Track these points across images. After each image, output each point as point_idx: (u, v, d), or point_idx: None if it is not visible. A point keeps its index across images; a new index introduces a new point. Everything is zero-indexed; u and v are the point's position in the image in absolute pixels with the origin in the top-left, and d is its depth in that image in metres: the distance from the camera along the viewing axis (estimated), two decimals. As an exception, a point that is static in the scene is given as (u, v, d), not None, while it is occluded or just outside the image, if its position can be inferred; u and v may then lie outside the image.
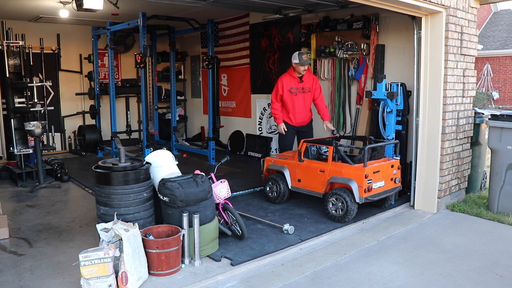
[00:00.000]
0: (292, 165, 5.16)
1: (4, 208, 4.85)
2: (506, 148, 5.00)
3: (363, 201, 4.53)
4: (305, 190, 5.04)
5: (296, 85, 5.74)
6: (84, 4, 4.06)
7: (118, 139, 7.99)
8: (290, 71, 5.76)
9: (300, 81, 5.74)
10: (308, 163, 5.03)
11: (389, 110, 5.39)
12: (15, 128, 6.57)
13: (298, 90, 5.74)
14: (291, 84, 5.73)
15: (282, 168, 5.25)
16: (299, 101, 5.78)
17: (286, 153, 5.57)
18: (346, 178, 4.59)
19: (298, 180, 5.08)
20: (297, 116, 5.82)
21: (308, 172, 4.99)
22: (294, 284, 3.42)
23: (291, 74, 5.75)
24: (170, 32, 8.57)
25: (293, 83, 5.73)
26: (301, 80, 5.74)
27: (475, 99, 10.66)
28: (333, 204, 4.68)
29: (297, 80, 5.74)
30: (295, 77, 5.73)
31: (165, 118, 9.93)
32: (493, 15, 21.56)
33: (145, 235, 3.49)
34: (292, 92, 5.73)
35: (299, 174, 5.08)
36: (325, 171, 4.79)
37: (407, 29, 5.65)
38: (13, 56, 6.72)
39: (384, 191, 4.80)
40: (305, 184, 5.03)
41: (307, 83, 5.78)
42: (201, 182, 3.75)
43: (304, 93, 5.78)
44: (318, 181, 4.87)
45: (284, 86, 5.72)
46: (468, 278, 3.53)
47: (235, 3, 6.29)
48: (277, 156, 5.52)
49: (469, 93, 5.47)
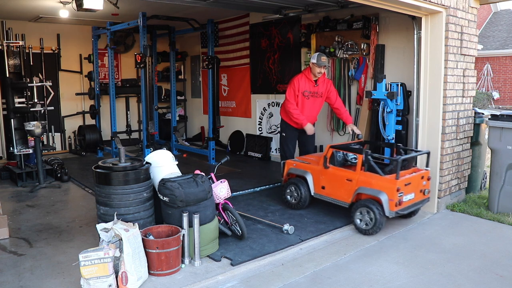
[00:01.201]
0: (316, 170, 4.89)
1: (4, 208, 4.85)
2: (506, 148, 5.00)
3: (393, 215, 4.25)
4: (329, 198, 4.78)
5: (310, 88, 5.51)
6: (84, 4, 4.06)
7: (118, 139, 7.99)
8: (307, 72, 5.53)
9: (315, 85, 5.51)
10: (334, 170, 4.74)
11: (389, 110, 5.39)
12: (15, 128, 6.57)
13: (311, 94, 5.52)
14: (306, 87, 5.50)
15: (304, 173, 4.99)
16: (309, 105, 5.56)
17: (309, 157, 5.29)
18: (376, 189, 4.30)
19: (322, 187, 4.81)
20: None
21: (333, 179, 4.72)
22: (294, 284, 3.42)
23: (307, 76, 5.50)
24: (170, 32, 8.57)
25: (308, 85, 5.50)
26: (316, 83, 5.51)
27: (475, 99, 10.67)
28: (360, 216, 4.41)
29: (312, 84, 5.50)
30: (311, 79, 5.49)
31: (165, 118, 9.93)
32: (493, 15, 21.56)
33: (145, 235, 3.49)
34: (305, 95, 5.51)
35: (324, 181, 4.81)
36: (352, 180, 4.51)
37: (407, 29, 5.65)
38: (13, 56, 6.72)
39: (414, 203, 4.49)
40: (329, 192, 4.76)
41: (321, 87, 5.56)
42: (201, 182, 3.75)
43: (315, 98, 5.56)
44: (344, 190, 4.59)
45: (300, 88, 5.49)
46: (468, 278, 3.53)
47: (235, 3, 6.29)
48: (299, 160, 5.22)
49: (469, 93, 5.47)
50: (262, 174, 7.04)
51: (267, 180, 6.50)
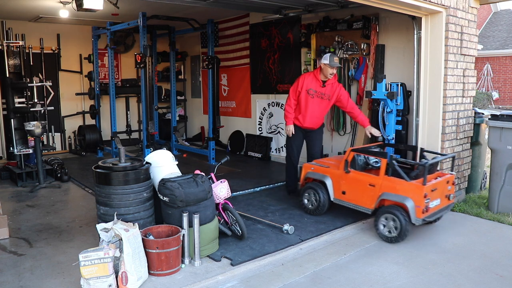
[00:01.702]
0: (336, 175, 4.67)
1: (4, 208, 4.85)
2: (506, 148, 5.00)
3: (420, 223, 4.07)
4: (350, 204, 4.58)
5: (316, 87, 5.31)
6: (84, 4, 4.06)
7: (118, 139, 7.99)
8: (316, 72, 5.36)
9: (323, 85, 5.30)
10: (356, 174, 4.53)
11: (389, 110, 5.39)
12: (15, 128, 6.57)
13: (317, 93, 5.32)
14: (312, 85, 5.31)
15: (323, 177, 4.77)
16: (314, 105, 5.34)
17: (327, 160, 5.06)
18: (401, 195, 4.11)
19: (343, 192, 4.61)
20: (306, 119, 5.41)
21: (355, 184, 4.51)
22: (294, 284, 3.42)
23: (315, 75, 5.33)
24: (170, 32, 8.57)
25: (314, 84, 5.31)
26: (323, 84, 5.30)
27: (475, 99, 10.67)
28: (384, 223, 4.22)
29: (319, 83, 5.30)
30: (319, 79, 5.30)
31: (165, 118, 9.93)
32: (493, 15, 21.56)
33: (145, 235, 3.49)
34: (310, 93, 5.31)
35: (344, 186, 4.60)
36: (375, 185, 4.31)
37: (407, 29, 5.65)
38: (13, 56, 6.72)
39: (440, 209, 4.33)
40: (350, 198, 4.56)
41: (329, 90, 5.33)
42: (201, 182, 3.75)
43: (321, 99, 5.33)
44: (366, 196, 4.39)
45: (304, 85, 5.31)
46: (468, 278, 3.53)
47: (235, 3, 6.29)
48: (317, 164, 4.97)
49: (469, 93, 5.47)
50: (262, 174, 7.04)
51: (267, 180, 6.51)
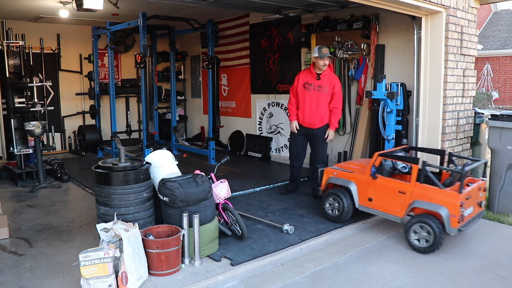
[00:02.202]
0: (362, 181, 4.46)
1: (4, 208, 4.85)
2: (506, 148, 5.00)
3: (455, 233, 3.86)
4: (377, 212, 4.39)
5: (311, 80, 5.33)
6: (84, 4, 4.06)
7: (118, 139, 7.99)
8: (310, 67, 5.41)
9: (317, 78, 5.30)
10: (384, 181, 4.31)
11: (389, 110, 5.39)
12: (15, 128, 6.57)
13: (312, 86, 5.32)
14: (307, 79, 5.36)
15: (347, 183, 4.55)
16: (312, 99, 5.32)
17: (350, 165, 4.82)
18: (435, 204, 3.91)
19: (369, 199, 4.41)
20: (306, 115, 5.37)
21: (383, 191, 4.30)
22: (294, 284, 3.42)
23: (310, 70, 5.40)
24: (170, 32, 8.57)
25: (309, 78, 5.35)
26: (318, 77, 5.30)
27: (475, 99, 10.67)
28: (416, 232, 4.02)
29: (314, 76, 5.32)
30: (313, 73, 5.33)
31: (165, 118, 9.93)
32: (493, 15, 21.56)
33: (145, 235, 3.49)
34: (306, 87, 5.34)
35: (371, 193, 4.39)
36: (406, 192, 4.10)
37: (407, 29, 5.65)
38: (13, 56, 6.72)
39: (473, 218, 4.14)
40: (378, 205, 4.35)
41: (325, 82, 5.30)
42: (201, 182, 3.75)
43: (319, 92, 5.30)
44: (396, 203, 4.19)
45: (300, 80, 5.40)
46: (468, 278, 3.53)
47: (235, 3, 6.29)
48: (341, 168, 4.76)
49: (469, 93, 5.47)
50: (262, 174, 7.04)
51: (267, 180, 6.51)
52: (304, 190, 5.79)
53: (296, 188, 5.77)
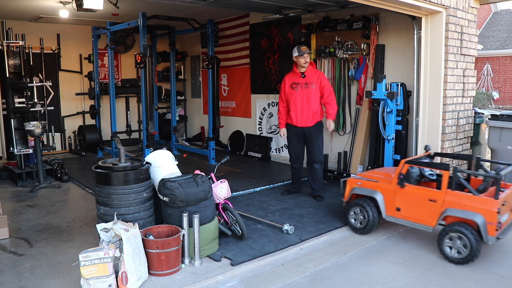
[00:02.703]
0: (388, 190, 4.24)
1: (4, 208, 4.85)
2: (506, 148, 5.00)
3: (494, 242, 3.66)
4: (406, 222, 4.17)
5: (297, 80, 5.37)
6: (84, 4, 4.06)
7: (118, 139, 7.99)
8: (293, 68, 5.45)
9: (303, 76, 5.34)
10: (413, 189, 4.11)
11: (389, 110, 5.39)
12: (15, 128, 6.57)
13: (299, 85, 5.35)
14: (293, 80, 5.41)
15: (373, 193, 4.35)
16: (302, 97, 5.33)
17: (374, 174, 4.61)
18: (469, 212, 3.71)
19: (397, 209, 4.19)
20: (299, 113, 5.36)
21: (412, 200, 4.09)
22: (294, 284, 3.42)
23: (293, 71, 5.44)
24: (170, 32, 8.57)
25: (295, 78, 5.40)
26: (303, 75, 5.35)
27: (475, 99, 10.68)
28: (450, 242, 3.80)
29: (299, 75, 5.37)
30: (297, 72, 5.38)
31: (165, 118, 9.93)
32: (493, 15, 21.56)
33: (145, 235, 3.49)
34: (293, 87, 5.38)
35: (399, 202, 4.17)
36: (437, 200, 3.90)
37: (407, 29, 5.65)
38: (13, 56, 6.72)
39: (508, 225, 3.92)
40: (407, 215, 4.14)
41: (311, 78, 5.34)
42: (201, 182, 3.75)
43: (307, 88, 5.32)
44: (426, 212, 3.99)
45: (286, 83, 5.44)
46: (468, 278, 3.53)
47: (235, 3, 6.29)
48: (365, 178, 4.53)
49: (469, 93, 5.47)
50: (262, 174, 7.04)
51: (267, 180, 6.51)
52: (304, 190, 5.79)
53: (298, 190, 5.76)
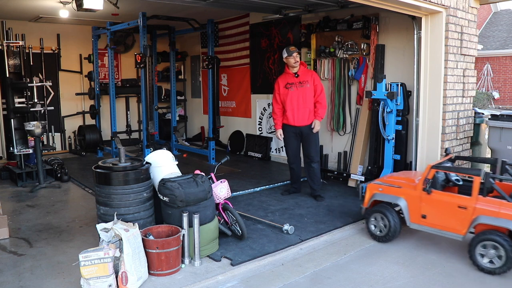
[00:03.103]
0: (413, 196, 4.07)
1: (4, 208, 4.85)
2: (506, 148, 5.00)
3: None
4: (433, 230, 3.99)
5: (291, 80, 5.42)
6: (84, 4, 4.06)
7: (118, 139, 7.99)
8: (285, 69, 5.52)
9: (296, 76, 5.40)
10: (440, 195, 3.94)
11: (389, 110, 5.39)
12: (15, 128, 6.57)
13: (294, 85, 5.39)
14: (286, 80, 5.44)
15: (396, 199, 4.16)
16: (298, 96, 5.37)
17: (396, 179, 4.39)
18: (504, 219, 3.53)
19: (422, 216, 4.02)
20: (295, 112, 5.39)
21: (439, 207, 3.92)
22: (294, 284, 3.42)
23: (286, 72, 5.50)
24: (170, 32, 8.57)
25: (288, 79, 5.44)
26: (296, 75, 5.41)
27: (475, 99, 10.68)
28: (483, 251, 3.63)
29: (292, 75, 5.42)
30: (290, 73, 5.44)
31: (165, 118, 9.93)
32: (493, 15, 21.56)
33: (145, 235, 3.49)
34: (288, 87, 5.41)
35: (425, 209, 4.00)
36: (467, 207, 3.73)
37: (407, 29, 5.65)
38: (13, 56, 6.72)
39: None
40: (433, 222, 3.96)
41: (304, 77, 5.41)
42: (201, 182, 3.75)
43: (302, 87, 5.38)
44: (455, 220, 3.81)
45: (280, 84, 5.48)
46: (468, 277, 3.53)
47: (235, 3, 6.29)
48: (386, 183, 4.34)
49: (469, 93, 5.47)
50: (262, 174, 7.04)
51: (267, 180, 6.51)
52: (304, 190, 5.79)
53: (298, 190, 5.77)
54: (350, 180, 6.15)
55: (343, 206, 5.24)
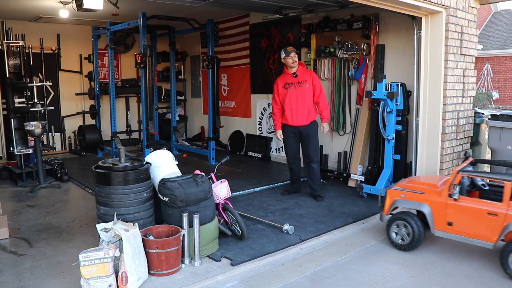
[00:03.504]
0: (438, 202, 3.89)
1: (4, 208, 4.85)
2: (506, 148, 5.00)
3: None
4: (460, 237, 3.81)
5: (290, 80, 5.44)
6: (84, 4, 4.06)
7: (118, 139, 7.99)
8: (284, 70, 5.55)
9: (294, 76, 5.43)
10: (468, 201, 3.77)
11: (389, 110, 5.39)
12: (15, 128, 6.57)
13: (293, 84, 5.41)
14: (285, 81, 5.47)
15: (420, 206, 3.99)
16: (297, 95, 5.38)
17: (417, 184, 4.20)
18: None
19: (448, 224, 3.84)
20: (294, 112, 5.39)
21: (467, 213, 3.75)
22: (294, 284, 3.42)
23: (284, 72, 5.54)
24: (170, 32, 8.57)
25: (287, 79, 5.47)
26: (294, 75, 5.43)
27: (475, 99, 10.68)
28: None
29: (290, 76, 5.45)
30: (288, 73, 5.47)
31: (165, 118, 9.93)
32: (493, 15, 21.55)
33: (145, 235, 3.49)
34: (287, 87, 5.44)
35: (451, 216, 3.82)
36: (498, 214, 3.56)
37: (407, 29, 5.65)
38: (13, 56, 6.72)
39: None
40: (461, 229, 3.79)
41: (303, 77, 5.42)
42: (201, 182, 3.76)
43: (301, 87, 5.39)
44: (485, 227, 3.65)
45: (279, 85, 5.51)
46: (468, 278, 3.53)
47: (235, 3, 6.30)
48: (407, 189, 4.15)
49: (469, 93, 5.47)
50: (262, 174, 7.04)
51: (267, 180, 6.51)
52: (304, 190, 5.79)
53: (298, 190, 5.77)
54: (350, 180, 6.15)
55: (343, 206, 5.24)
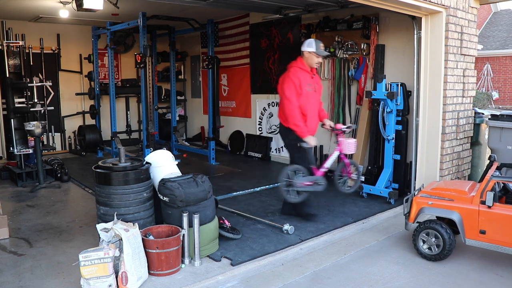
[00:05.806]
0: (469, 210, 3.71)
1: (4, 208, 4.85)
2: (506, 148, 5.00)
3: None
4: (495, 246, 3.65)
5: (310, 81, 4.43)
6: (84, 4, 4.06)
7: (118, 139, 7.99)
8: (300, 64, 4.43)
9: (313, 76, 4.49)
10: (503, 208, 3.61)
11: (389, 110, 5.39)
12: (15, 128, 6.57)
13: (312, 87, 4.44)
14: (307, 80, 4.38)
15: (449, 213, 3.80)
16: (314, 102, 4.51)
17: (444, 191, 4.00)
18: None
19: (481, 232, 3.69)
20: (311, 122, 4.47)
21: (502, 221, 3.59)
22: (294, 284, 3.42)
23: (302, 68, 4.40)
24: (170, 32, 8.57)
25: (307, 78, 4.41)
26: (314, 74, 4.52)
27: (475, 99, 10.67)
28: None
29: (310, 75, 4.43)
30: (308, 71, 4.42)
31: (165, 118, 9.93)
32: (493, 15, 21.55)
33: (145, 235, 3.49)
34: (309, 89, 4.40)
35: (484, 224, 3.66)
36: None
37: (407, 29, 5.65)
38: (13, 56, 6.72)
39: None
40: (495, 238, 3.62)
41: (317, 80, 4.60)
42: (201, 182, 3.76)
43: (315, 92, 4.53)
44: None
45: (302, 81, 4.33)
46: (468, 278, 3.53)
47: (235, 3, 6.30)
48: (434, 196, 3.96)
49: (469, 93, 5.47)
50: (262, 174, 7.04)
51: (267, 180, 6.50)
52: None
53: None
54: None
55: (343, 206, 5.24)
